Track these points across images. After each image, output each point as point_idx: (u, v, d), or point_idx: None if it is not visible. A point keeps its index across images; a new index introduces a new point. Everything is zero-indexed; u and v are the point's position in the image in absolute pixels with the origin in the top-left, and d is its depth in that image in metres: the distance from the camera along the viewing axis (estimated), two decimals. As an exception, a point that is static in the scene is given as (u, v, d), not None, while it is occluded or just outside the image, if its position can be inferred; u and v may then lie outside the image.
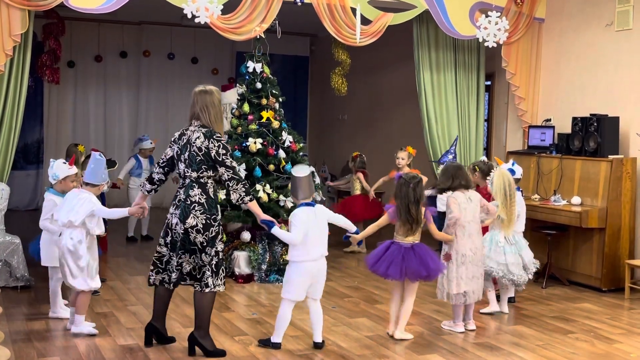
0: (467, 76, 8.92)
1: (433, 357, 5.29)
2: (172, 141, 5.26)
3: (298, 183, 5.33)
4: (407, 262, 5.53)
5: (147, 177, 5.42)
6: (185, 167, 5.09)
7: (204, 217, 5.01)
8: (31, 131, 12.65)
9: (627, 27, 7.84)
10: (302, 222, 5.20)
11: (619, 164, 7.51)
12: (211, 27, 7.34)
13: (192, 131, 5.12)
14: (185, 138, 5.14)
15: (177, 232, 5.06)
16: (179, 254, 5.09)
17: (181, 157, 5.12)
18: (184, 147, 5.11)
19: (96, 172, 5.62)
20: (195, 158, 5.04)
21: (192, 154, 5.05)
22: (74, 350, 5.26)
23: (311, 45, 14.82)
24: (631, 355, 5.44)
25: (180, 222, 5.03)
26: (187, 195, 5.05)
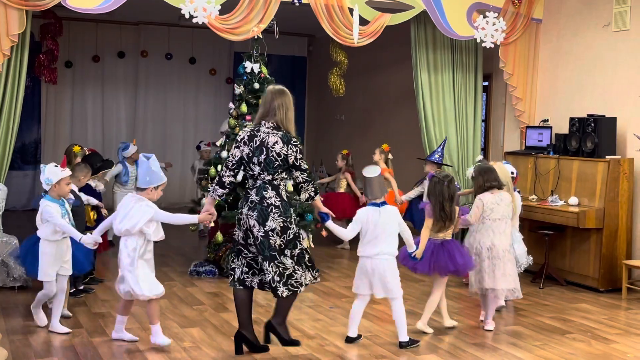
0: (464, 77, 8.93)
1: (431, 357, 5.30)
2: (239, 141, 5.10)
3: (369, 183, 5.48)
4: (436, 257, 5.74)
5: (217, 182, 5.15)
6: (260, 170, 5.01)
7: (281, 219, 5.00)
8: (29, 131, 12.65)
9: (624, 27, 7.85)
10: (361, 220, 5.40)
11: (616, 165, 7.52)
12: (209, 28, 7.34)
13: (266, 133, 5.03)
14: (258, 140, 5.03)
15: (253, 235, 5.02)
16: (262, 259, 5.05)
17: (254, 159, 5.02)
18: (258, 149, 5.01)
19: (145, 175, 5.28)
20: (273, 163, 4.99)
21: (270, 158, 4.98)
22: (71, 350, 5.26)
23: (309, 46, 14.83)
24: (628, 356, 5.45)
25: (259, 224, 4.99)
26: (262, 197, 5.01)
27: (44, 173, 5.60)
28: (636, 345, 5.71)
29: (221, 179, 5.14)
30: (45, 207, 5.53)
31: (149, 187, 5.27)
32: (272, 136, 5.01)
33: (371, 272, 5.40)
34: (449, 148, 8.82)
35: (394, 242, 5.43)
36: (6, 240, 7.01)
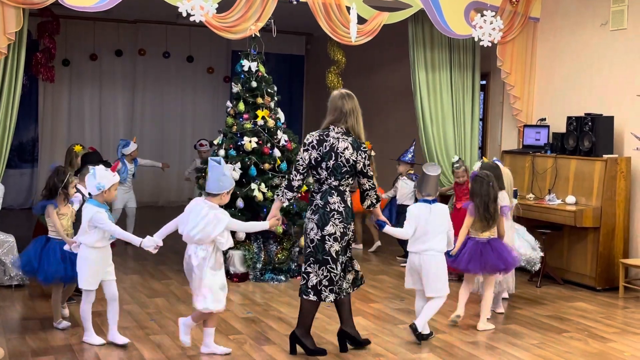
0: (462, 75, 8.93)
1: (428, 356, 5.30)
2: (307, 145, 5.09)
3: (426, 180, 5.58)
4: (486, 257, 5.88)
5: (286, 185, 5.12)
6: (328, 174, 5.03)
7: (342, 225, 5.04)
8: (26, 130, 12.63)
9: (621, 26, 7.85)
10: (414, 216, 5.52)
11: (614, 164, 7.52)
12: (206, 26, 7.33)
13: (336, 139, 5.04)
14: (328, 145, 5.03)
15: (309, 238, 5.05)
16: (308, 261, 5.07)
17: (322, 164, 5.03)
18: (327, 155, 5.02)
19: (218, 181, 5.04)
20: (342, 168, 5.01)
21: (339, 164, 5.00)
22: (68, 349, 5.25)
23: (307, 44, 14.81)
24: (625, 354, 5.45)
25: (318, 228, 5.01)
26: (326, 202, 5.03)
27: (94, 177, 5.22)
28: (633, 344, 5.71)
29: (290, 182, 5.12)
30: (96, 214, 5.16)
31: (223, 192, 5.05)
32: (342, 142, 5.03)
33: (419, 267, 5.51)
34: (447, 147, 8.83)
35: (443, 239, 5.53)
36: (3, 238, 7.00)
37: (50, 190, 5.71)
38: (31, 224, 11.23)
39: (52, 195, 5.70)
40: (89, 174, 5.28)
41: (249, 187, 7.52)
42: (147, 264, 8.36)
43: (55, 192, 5.69)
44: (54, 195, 5.70)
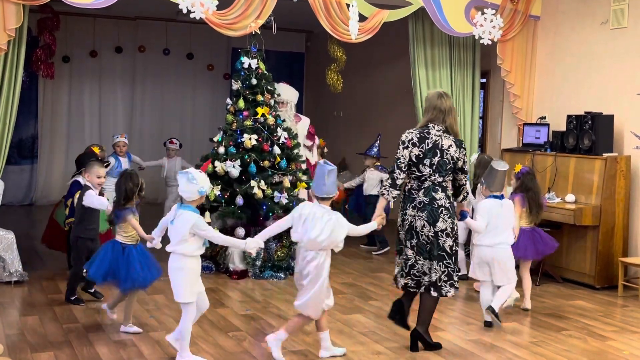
0: (462, 73, 8.93)
1: (429, 354, 5.30)
2: (407, 143, 5.17)
3: (495, 175, 5.90)
4: (537, 244, 6.66)
5: (390, 183, 5.18)
6: (432, 171, 5.14)
7: (451, 221, 5.17)
8: (26, 126, 12.62)
9: (622, 25, 7.85)
10: (487, 211, 5.85)
11: (613, 162, 7.52)
12: (206, 23, 7.33)
13: (438, 136, 5.17)
14: (430, 142, 5.15)
15: (424, 235, 5.14)
16: (430, 259, 5.16)
17: (425, 161, 5.13)
18: (430, 152, 5.13)
19: (332, 185, 4.99)
20: (447, 165, 5.15)
21: (445, 161, 5.14)
22: (67, 345, 5.26)
23: (307, 42, 14.81)
24: (624, 353, 5.46)
25: (429, 225, 5.12)
26: (432, 198, 5.14)
27: (195, 181, 4.83)
28: (632, 342, 5.72)
29: (394, 180, 5.20)
30: (198, 220, 4.83)
31: (334, 195, 5.02)
32: (445, 139, 5.17)
33: (491, 260, 5.87)
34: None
35: (511, 233, 5.99)
36: (2, 235, 6.99)
37: (126, 196, 5.52)
38: (31, 221, 11.28)
39: (128, 201, 5.55)
40: (185, 178, 4.84)
41: (249, 185, 7.52)
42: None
43: (131, 196, 5.53)
44: (130, 199, 5.55)
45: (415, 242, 5.15)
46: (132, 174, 5.63)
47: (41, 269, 7.64)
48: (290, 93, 8.97)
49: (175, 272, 4.92)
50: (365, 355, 5.22)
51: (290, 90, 9.00)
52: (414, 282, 5.22)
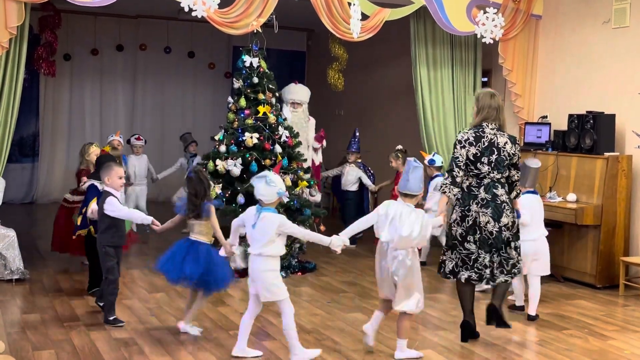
0: (463, 72, 8.92)
1: (428, 352, 5.30)
2: (464, 142, 5.38)
3: (530, 172, 6.23)
4: None
5: (451, 181, 5.34)
6: (491, 168, 5.34)
7: (512, 215, 5.42)
8: (27, 124, 12.62)
9: (624, 24, 7.84)
10: (530, 205, 6.08)
11: (615, 162, 7.52)
12: (208, 21, 7.32)
13: (494, 134, 5.39)
14: (486, 141, 5.36)
15: (488, 230, 5.33)
16: (490, 252, 5.37)
17: (482, 159, 5.33)
18: (487, 150, 5.34)
19: (418, 181, 5.07)
20: (504, 162, 5.36)
21: (502, 158, 5.35)
22: (68, 343, 5.26)
23: (308, 40, 14.81)
24: (625, 352, 5.46)
25: (494, 220, 5.32)
26: (494, 195, 5.35)
27: (274, 184, 4.86)
28: (633, 342, 5.72)
29: (454, 178, 5.37)
30: (282, 219, 4.88)
31: (418, 192, 5.09)
32: (500, 137, 5.39)
33: (534, 253, 6.16)
34: (447, 144, 8.81)
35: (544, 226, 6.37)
36: (4, 233, 7.00)
37: (204, 194, 5.46)
38: (32, 219, 11.29)
39: (202, 199, 5.45)
40: (263, 182, 4.87)
41: (250, 184, 7.50)
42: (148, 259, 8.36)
43: (205, 195, 5.46)
44: (204, 198, 5.47)
45: (478, 236, 5.33)
46: (204, 173, 5.64)
47: (42, 267, 7.64)
48: (306, 93, 9.05)
49: (266, 274, 4.93)
50: (366, 354, 5.22)
51: (305, 90, 9.08)
52: (477, 275, 5.39)
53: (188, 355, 5.08)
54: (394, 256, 4.99)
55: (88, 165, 7.23)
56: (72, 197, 7.53)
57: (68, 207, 7.49)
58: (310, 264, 8.00)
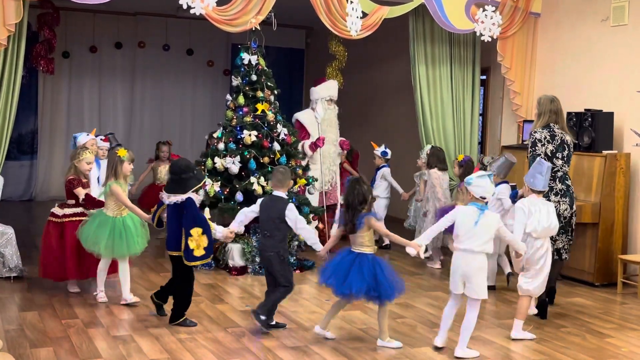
0: (462, 70, 8.92)
1: (425, 349, 5.30)
2: (543, 140, 6.34)
3: (509, 166, 7.01)
4: None
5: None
6: (563, 162, 6.38)
7: (574, 201, 6.50)
8: (25, 122, 12.61)
9: (622, 22, 7.85)
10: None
11: (613, 159, 7.52)
12: (206, 19, 7.32)
13: (562, 134, 6.39)
14: (558, 139, 6.37)
15: (563, 216, 6.31)
16: (565, 234, 6.44)
17: (557, 155, 6.35)
18: (560, 147, 6.37)
19: (545, 178, 5.73)
20: (571, 156, 6.46)
21: (570, 153, 6.44)
22: (66, 340, 5.26)
23: (307, 38, 14.79)
24: (622, 350, 5.46)
25: (570, 207, 6.39)
26: (567, 185, 6.40)
27: (493, 183, 5.21)
28: (630, 340, 5.72)
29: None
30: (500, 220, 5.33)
31: (545, 189, 5.80)
32: (567, 136, 6.42)
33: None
34: (446, 141, 8.82)
35: None
36: (2, 230, 6.99)
37: (358, 205, 5.19)
38: (30, 216, 11.28)
39: (355, 212, 5.20)
40: (489, 180, 5.10)
41: (249, 181, 7.52)
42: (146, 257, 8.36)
43: (359, 207, 5.19)
44: (358, 211, 5.21)
45: (554, 224, 5.94)
46: (364, 181, 5.36)
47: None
48: (337, 88, 9.04)
49: (480, 272, 5.11)
50: (366, 352, 5.22)
51: (336, 84, 9.09)
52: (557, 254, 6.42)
53: (186, 352, 5.08)
54: (536, 245, 5.64)
55: (78, 174, 6.43)
56: (62, 211, 6.49)
57: (58, 222, 6.47)
58: (308, 261, 8.00)
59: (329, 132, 8.67)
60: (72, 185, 6.39)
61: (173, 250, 5.57)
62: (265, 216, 5.61)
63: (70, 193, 6.44)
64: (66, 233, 6.39)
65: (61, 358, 4.92)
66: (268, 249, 5.56)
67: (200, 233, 5.40)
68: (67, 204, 6.51)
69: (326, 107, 8.71)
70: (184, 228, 5.42)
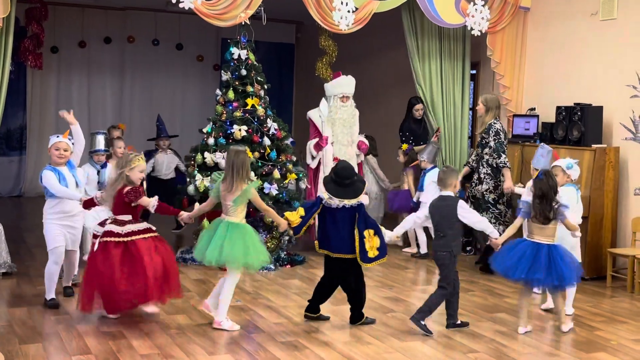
0: (452, 64, 8.92)
1: (416, 344, 5.31)
2: (502, 131, 7.60)
3: (438, 152, 7.95)
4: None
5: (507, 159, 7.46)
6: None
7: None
8: (14, 117, 12.55)
9: (611, 16, 7.86)
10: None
11: (602, 153, 7.55)
12: (196, 13, 7.29)
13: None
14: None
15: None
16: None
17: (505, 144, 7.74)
18: (506, 139, 7.70)
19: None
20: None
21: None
22: (56, 336, 5.24)
23: (297, 33, 14.77)
24: (611, 342, 5.49)
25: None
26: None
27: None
28: (620, 332, 5.75)
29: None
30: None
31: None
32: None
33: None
34: (436, 135, 8.83)
35: None
36: (-9, 226, 6.96)
37: (552, 198, 5.54)
38: (20, 212, 11.23)
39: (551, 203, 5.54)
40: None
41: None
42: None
43: (553, 199, 5.55)
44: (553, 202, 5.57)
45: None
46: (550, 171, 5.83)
47: (30, 261, 7.60)
48: (353, 84, 8.47)
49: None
50: (355, 346, 5.23)
51: (353, 81, 8.48)
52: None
53: (176, 348, 5.07)
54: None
55: (131, 183, 5.60)
56: (123, 228, 5.56)
57: (120, 241, 5.53)
58: (299, 256, 8.00)
59: (341, 132, 8.29)
60: (134, 197, 5.55)
61: (347, 253, 5.56)
62: (438, 217, 5.66)
63: (127, 206, 5.58)
64: (140, 252, 5.48)
65: (51, 354, 4.90)
66: (441, 248, 5.64)
67: (373, 234, 5.50)
68: (123, 220, 5.59)
69: (339, 105, 8.34)
70: (358, 230, 5.49)
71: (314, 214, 5.64)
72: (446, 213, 5.60)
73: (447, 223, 5.61)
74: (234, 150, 5.59)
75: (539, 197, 5.51)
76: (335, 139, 8.32)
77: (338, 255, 5.59)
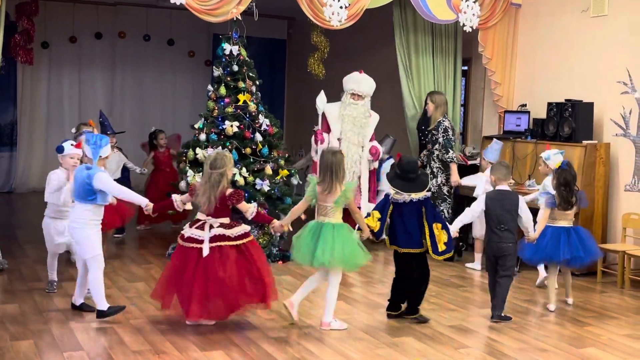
0: (444, 61, 8.94)
1: (408, 339, 5.33)
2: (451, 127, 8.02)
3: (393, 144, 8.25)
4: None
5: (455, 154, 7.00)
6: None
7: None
8: (4, 113, 12.49)
9: (602, 13, 7.89)
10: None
11: (593, 150, 7.58)
12: (187, 9, 7.26)
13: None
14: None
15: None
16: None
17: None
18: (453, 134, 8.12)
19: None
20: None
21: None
22: (47, 333, 5.23)
23: (289, 29, 14.74)
24: (601, 338, 5.52)
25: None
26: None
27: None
28: (609, 328, 5.78)
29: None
30: None
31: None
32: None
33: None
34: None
35: None
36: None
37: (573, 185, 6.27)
38: (10, 208, 11.18)
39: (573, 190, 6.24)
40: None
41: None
42: (128, 249, 8.33)
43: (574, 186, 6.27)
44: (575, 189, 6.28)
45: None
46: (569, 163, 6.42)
47: (21, 257, 7.57)
48: (370, 86, 8.31)
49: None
50: (347, 341, 5.24)
51: (370, 82, 8.31)
52: None
53: (168, 344, 5.07)
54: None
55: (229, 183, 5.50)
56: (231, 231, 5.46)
57: (233, 245, 5.45)
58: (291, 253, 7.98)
59: (350, 130, 8.18)
60: (236, 200, 5.40)
61: (415, 247, 5.63)
62: (499, 210, 5.85)
63: (227, 209, 5.43)
64: (246, 256, 5.43)
65: (42, 350, 4.89)
66: (507, 240, 5.83)
67: (440, 228, 5.58)
68: (227, 224, 5.44)
69: (349, 102, 8.24)
70: (427, 224, 5.56)
71: (388, 213, 5.68)
72: (509, 207, 5.85)
73: (510, 216, 5.84)
74: (330, 152, 5.55)
75: (564, 185, 6.14)
76: (344, 135, 8.22)
77: (405, 250, 5.65)
